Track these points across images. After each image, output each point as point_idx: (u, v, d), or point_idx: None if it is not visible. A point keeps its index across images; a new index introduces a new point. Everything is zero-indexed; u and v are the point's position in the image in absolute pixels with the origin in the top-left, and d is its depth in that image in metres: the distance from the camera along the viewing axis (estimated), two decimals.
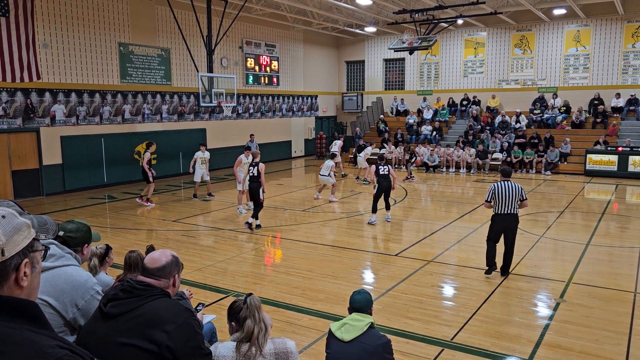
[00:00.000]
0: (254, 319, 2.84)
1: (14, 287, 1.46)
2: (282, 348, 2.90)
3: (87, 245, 3.01)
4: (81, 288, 2.61)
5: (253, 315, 2.85)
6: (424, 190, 16.70)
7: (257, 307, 2.89)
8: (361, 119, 25.79)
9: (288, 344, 2.95)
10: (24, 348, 1.35)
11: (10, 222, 1.47)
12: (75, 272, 2.67)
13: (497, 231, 7.55)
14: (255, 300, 2.92)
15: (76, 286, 2.60)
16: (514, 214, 7.42)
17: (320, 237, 10.36)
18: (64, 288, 2.55)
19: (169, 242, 9.92)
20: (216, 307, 6.45)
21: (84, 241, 2.96)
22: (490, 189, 7.50)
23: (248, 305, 2.88)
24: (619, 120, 20.57)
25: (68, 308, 2.54)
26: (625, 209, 13.57)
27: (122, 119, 17.10)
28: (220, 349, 2.84)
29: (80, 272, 2.71)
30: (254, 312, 2.86)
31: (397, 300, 6.74)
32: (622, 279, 7.66)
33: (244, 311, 2.88)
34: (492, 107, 23.24)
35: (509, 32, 23.14)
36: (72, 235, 2.89)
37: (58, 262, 2.62)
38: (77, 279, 2.63)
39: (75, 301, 2.57)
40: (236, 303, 2.98)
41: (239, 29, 21.09)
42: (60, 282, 2.54)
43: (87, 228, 3.02)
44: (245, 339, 2.79)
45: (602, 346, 5.40)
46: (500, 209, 7.42)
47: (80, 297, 2.59)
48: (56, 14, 15.06)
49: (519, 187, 7.45)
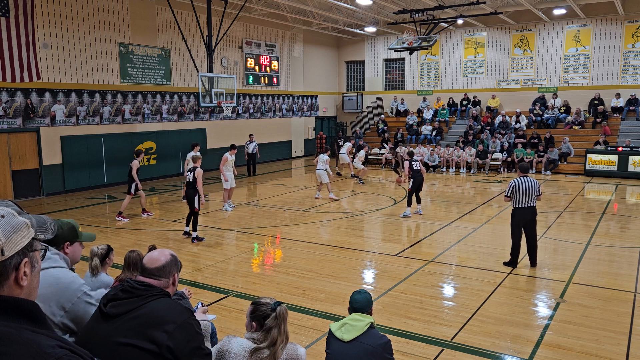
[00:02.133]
0: (279, 330, 2.83)
1: (14, 286, 1.46)
2: (293, 355, 2.90)
3: (70, 244, 2.91)
4: (67, 290, 2.56)
5: (279, 326, 2.84)
6: (424, 190, 16.68)
7: (284, 320, 2.89)
8: (361, 119, 25.80)
9: (299, 350, 2.95)
10: (24, 348, 1.34)
11: (10, 221, 1.46)
12: (61, 274, 2.61)
13: (517, 224, 8.04)
14: (283, 311, 2.91)
15: (62, 289, 2.55)
16: (533, 207, 7.97)
17: (320, 237, 10.36)
18: (49, 291, 2.48)
19: (169, 242, 9.91)
20: (216, 307, 6.45)
21: (64, 240, 2.87)
22: (511, 185, 7.96)
23: (277, 316, 2.87)
24: (619, 120, 20.56)
25: (55, 311, 2.50)
26: (625, 209, 13.57)
27: (122, 119, 17.10)
28: (234, 345, 2.80)
29: (66, 274, 2.64)
30: (280, 324, 2.85)
31: (397, 300, 6.74)
32: (622, 279, 7.66)
33: (272, 321, 2.85)
34: (492, 107, 23.24)
35: (509, 32, 23.14)
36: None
37: (44, 264, 2.57)
38: (63, 281, 2.58)
39: (61, 304, 2.52)
40: (263, 306, 2.92)
41: (239, 29, 21.09)
42: (45, 285, 2.45)
43: (70, 227, 2.92)
44: (268, 347, 2.78)
45: (602, 346, 5.40)
46: (520, 203, 7.94)
47: (67, 300, 2.54)
48: (56, 14, 15.06)
49: (537, 182, 7.99)
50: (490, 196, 14.94)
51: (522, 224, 8.01)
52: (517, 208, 7.99)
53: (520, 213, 7.98)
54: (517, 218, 8.03)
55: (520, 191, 7.88)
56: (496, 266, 8.20)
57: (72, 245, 2.92)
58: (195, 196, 9.86)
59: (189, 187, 10.05)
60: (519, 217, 8.01)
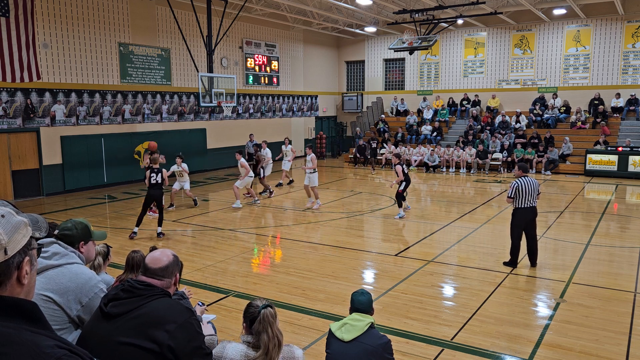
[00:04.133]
0: (267, 335, 2.75)
1: (15, 285, 1.47)
2: (289, 357, 2.88)
3: (85, 244, 3.00)
4: (85, 286, 2.65)
5: (266, 330, 2.76)
6: (424, 190, 16.70)
7: (271, 323, 2.79)
8: (361, 119, 25.80)
9: (296, 352, 2.92)
10: (23, 348, 1.35)
11: (10, 220, 1.47)
12: (79, 270, 2.70)
13: (518, 225, 8.05)
14: (269, 314, 2.81)
15: (80, 284, 2.64)
16: (534, 207, 8.01)
17: (320, 237, 10.36)
18: (68, 286, 2.58)
19: (169, 242, 9.92)
20: (216, 307, 6.45)
21: (79, 239, 2.95)
22: (514, 185, 7.96)
23: (261, 319, 2.79)
24: (619, 120, 20.57)
25: (72, 305, 2.58)
26: (625, 209, 13.57)
27: (122, 119, 17.10)
28: (229, 350, 2.77)
29: (84, 270, 2.75)
30: (266, 328, 2.77)
31: (397, 300, 6.74)
32: (622, 279, 7.66)
33: (257, 325, 2.79)
34: (492, 107, 23.24)
35: (509, 32, 23.15)
36: (67, 233, 2.89)
37: (62, 260, 2.65)
38: (82, 277, 2.67)
39: (79, 298, 2.61)
40: (252, 308, 2.88)
41: (239, 29, 21.09)
42: (65, 280, 2.58)
43: (83, 226, 3.01)
44: (261, 356, 2.74)
45: (602, 346, 5.41)
46: (521, 203, 7.96)
47: (84, 295, 2.63)
48: (56, 14, 15.06)
49: (537, 182, 8.05)
50: (490, 196, 14.94)
51: (523, 224, 8.03)
52: (519, 208, 8.02)
53: (521, 213, 8.00)
54: (518, 218, 8.05)
55: (522, 191, 7.91)
56: (496, 266, 8.20)
57: (86, 244, 3.00)
58: (162, 196, 10.40)
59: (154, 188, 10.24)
60: (520, 217, 8.03)
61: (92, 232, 3.07)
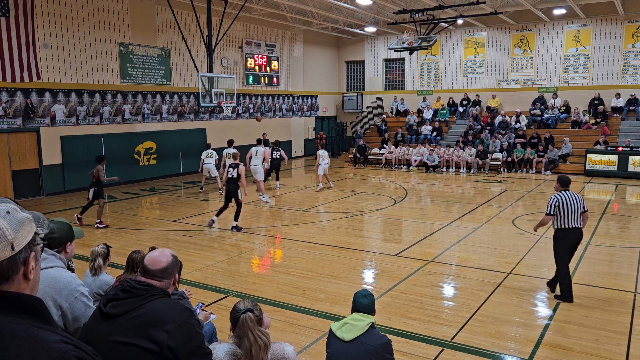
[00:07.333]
0: (249, 340, 2.71)
1: (22, 280, 1.48)
2: (279, 354, 2.87)
3: (70, 243, 2.98)
4: (64, 290, 2.58)
5: (247, 336, 2.72)
6: (424, 190, 16.70)
7: (251, 328, 2.74)
8: (361, 119, 25.80)
9: (286, 349, 2.91)
10: (29, 343, 1.36)
11: (15, 217, 1.49)
12: (58, 274, 2.63)
13: (565, 249, 6.73)
14: (248, 319, 2.75)
15: (59, 288, 2.57)
16: (579, 228, 6.72)
17: (320, 237, 10.36)
18: (46, 291, 2.51)
19: (169, 242, 9.92)
20: (216, 307, 6.45)
21: (67, 239, 2.94)
22: (553, 201, 6.71)
23: (241, 325, 2.75)
24: (619, 120, 20.57)
25: (52, 310, 2.51)
26: (625, 209, 13.57)
27: (122, 119, 17.10)
28: (218, 351, 2.77)
29: (63, 273, 2.67)
30: (247, 333, 2.72)
31: (397, 300, 6.74)
32: (622, 279, 7.66)
33: (238, 330, 2.76)
34: (492, 107, 23.24)
35: (509, 32, 23.15)
36: (55, 235, 2.85)
37: (42, 264, 2.61)
38: (61, 281, 2.60)
39: (58, 303, 2.55)
40: (234, 312, 2.86)
41: (239, 29, 21.09)
42: (43, 285, 2.47)
43: (67, 226, 3.00)
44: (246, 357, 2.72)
45: (602, 346, 5.40)
46: (565, 223, 6.66)
47: (63, 300, 2.56)
48: (56, 14, 15.06)
49: (580, 197, 6.81)
50: (490, 196, 14.94)
51: (567, 247, 6.71)
52: (563, 229, 6.67)
53: (566, 235, 6.65)
54: (564, 241, 6.68)
55: (565, 209, 6.62)
56: (496, 266, 8.20)
57: (71, 243, 3.00)
58: (238, 190, 10.63)
59: (231, 183, 10.63)
60: (566, 240, 6.68)
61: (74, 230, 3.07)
